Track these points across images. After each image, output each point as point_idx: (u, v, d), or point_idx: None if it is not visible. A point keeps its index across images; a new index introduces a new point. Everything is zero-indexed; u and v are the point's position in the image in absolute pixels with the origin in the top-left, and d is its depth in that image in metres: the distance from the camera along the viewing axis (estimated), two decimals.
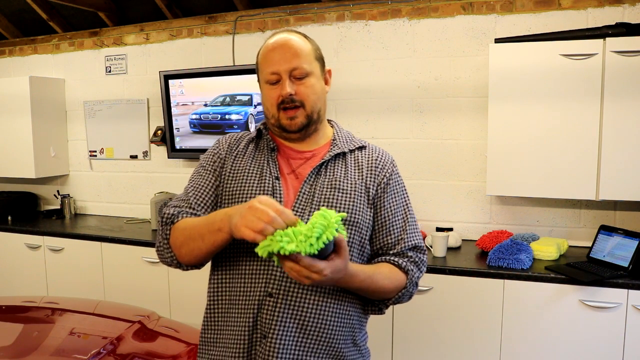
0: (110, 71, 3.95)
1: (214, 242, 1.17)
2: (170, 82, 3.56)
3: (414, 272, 1.31)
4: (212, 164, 1.36)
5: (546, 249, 2.58)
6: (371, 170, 1.33)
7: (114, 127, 3.96)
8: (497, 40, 2.71)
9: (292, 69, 1.27)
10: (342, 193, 1.27)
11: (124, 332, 2.12)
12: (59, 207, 4.08)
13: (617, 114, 2.42)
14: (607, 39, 2.41)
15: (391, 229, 1.32)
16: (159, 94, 3.66)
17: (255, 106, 3.35)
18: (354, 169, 1.33)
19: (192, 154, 3.61)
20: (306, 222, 1.09)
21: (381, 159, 1.37)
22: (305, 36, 1.35)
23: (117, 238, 3.30)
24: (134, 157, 3.92)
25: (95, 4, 3.62)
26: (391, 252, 1.31)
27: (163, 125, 3.70)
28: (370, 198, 1.31)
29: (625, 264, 2.35)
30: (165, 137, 3.67)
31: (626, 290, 2.24)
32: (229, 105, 3.43)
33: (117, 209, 4.03)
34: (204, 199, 1.32)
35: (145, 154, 3.88)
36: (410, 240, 1.33)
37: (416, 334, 2.62)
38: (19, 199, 4.12)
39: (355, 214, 1.27)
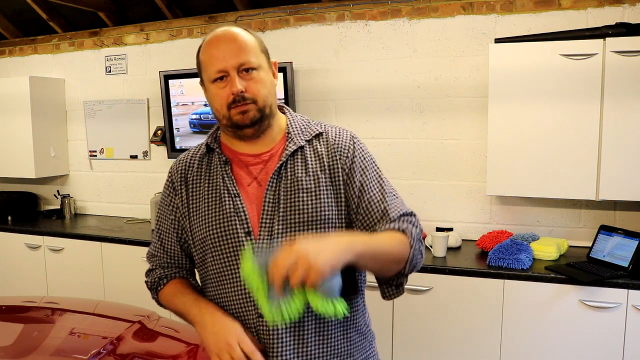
0: (110, 71, 3.94)
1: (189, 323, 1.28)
2: (170, 82, 3.55)
3: (410, 228, 1.21)
4: (168, 203, 1.35)
5: (546, 249, 2.58)
6: (332, 157, 1.26)
7: (114, 127, 3.96)
8: (497, 40, 2.71)
9: (240, 64, 1.20)
10: (306, 193, 1.22)
11: (124, 332, 2.12)
12: (59, 207, 4.08)
13: (617, 114, 2.42)
14: (607, 39, 2.41)
15: (370, 206, 1.24)
16: (159, 94, 3.66)
17: None
18: (315, 162, 1.26)
19: None
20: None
21: (339, 140, 1.28)
22: (247, 29, 1.27)
23: (117, 238, 3.30)
24: (134, 157, 3.92)
25: (95, 4, 3.62)
26: (377, 229, 1.24)
27: (163, 125, 3.70)
28: (340, 185, 1.25)
29: (625, 264, 2.35)
30: (165, 137, 3.67)
31: (626, 290, 2.24)
32: None
33: (117, 209, 4.03)
34: (172, 243, 1.36)
35: (145, 154, 3.88)
36: (394, 210, 1.24)
37: (416, 334, 2.62)
38: (19, 199, 4.12)
39: (324, 211, 1.22)
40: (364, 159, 1.29)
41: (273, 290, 1.05)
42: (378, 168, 1.31)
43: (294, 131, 1.29)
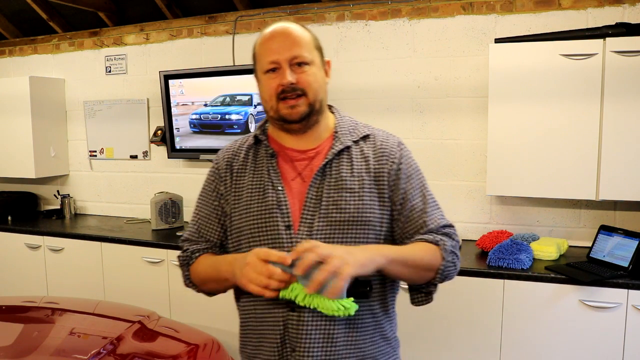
0: (110, 71, 3.95)
1: (225, 286, 1.28)
2: (170, 82, 3.55)
3: (445, 241, 1.23)
4: (212, 189, 1.36)
5: (546, 249, 2.58)
6: (378, 160, 1.27)
7: (114, 127, 3.96)
8: (497, 40, 2.71)
9: (293, 57, 1.22)
10: (349, 193, 1.23)
11: (124, 332, 2.13)
12: (59, 207, 4.08)
13: (617, 114, 2.42)
14: (607, 39, 2.41)
15: (410, 215, 1.26)
16: (159, 94, 3.66)
17: (255, 106, 3.35)
18: (361, 163, 1.27)
19: (192, 154, 3.61)
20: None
21: (386, 145, 1.30)
22: (304, 26, 1.30)
23: (117, 238, 3.30)
24: (134, 157, 3.92)
25: (95, 4, 3.63)
26: (414, 238, 1.26)
27: (163, 125, 3.70)
28: (385, 189, 1.26)
29: (625, 264, 2.35)
30: (165, 137, 3.67)
31: (626, 290, 2.24)
32: (229, 105, 3.43)
33: (117, 209, 4.03)
34: (212, 229, 1.36)
35: (145, 154, 3.88)
36: (432, 222, 1.26)
37: (416, 334, 2.62)
38: (19, 199, 4.12)
39: (366, 212, 1.23)
40: (410, 166, 1.30)
41: (294, 268, 1.09)
42: (422, 177, 1.32)
43: (341, 131, 1.30)
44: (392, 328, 1.33)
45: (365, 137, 1.31)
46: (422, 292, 1.29)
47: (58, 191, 4.17)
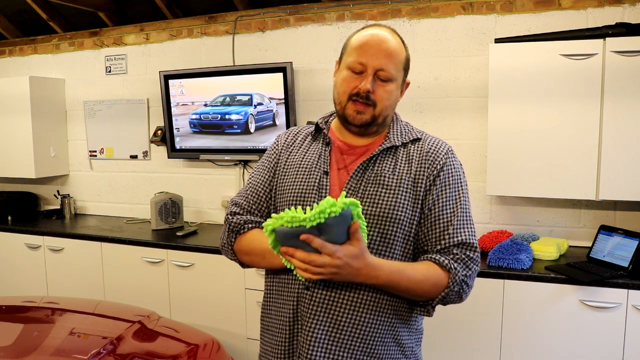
0: (110, 71, 3.95)
1: (271, 264, 1.29)
2: (170, 82, 3.56)
3: (458, 270, 1.22)
4: (269, 162, 1.43)
5: (546, 249, 2.58)
6: (422, 163, 1.29)
7: (114, 127, 3.96)
8: (497, 40, 2.71)
9: (380, 68, 1.26)
10: (386, 189, 1.26)
11: (124, 332, 2.13)
12: (59, 207, 4.08)
13: (617, 114, 2.42)
14: (607, 39, 2.41)
15: (436, 222, 1.26)
16: (159, 94, 3.66)
17: (255, 106, 3.35)
18: (404, 164, 1.30)
19: (192, 154, 3.61)
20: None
21: (434, 150, 1.31)
22: (403, 42, 1.34)
23: (117, 238, 3.30)
24: (134, 157, 3.92)
25: (95, 4, 3.63)
26: (435, 248, 1.25)
27: (163, 125, 3.70)
28: (421, 193, 1.27)
29: (625, 264, 2.35)
30: (165, 137, 3.67)
31: (626, 290, 2.24)
32: (229, 105, 3.43)
33: (117, 209, 4.03)
34: (259, 199, 1.40)
35: (145, 154, 3.88)
36: (457, 236, 1.25)
37: None
38: (19, 199, 4.12)
39: (397, 210, 1.25)
40: (451, 175, 1.30)
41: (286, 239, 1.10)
42: (463, 189, 1.32)
43: (393, 132, 1.36)
44: (410, 338, 1.33)
45: (415, 141, 1.34)
46: (422, 307, 1.30)
47: (58, 191, 4.17)
